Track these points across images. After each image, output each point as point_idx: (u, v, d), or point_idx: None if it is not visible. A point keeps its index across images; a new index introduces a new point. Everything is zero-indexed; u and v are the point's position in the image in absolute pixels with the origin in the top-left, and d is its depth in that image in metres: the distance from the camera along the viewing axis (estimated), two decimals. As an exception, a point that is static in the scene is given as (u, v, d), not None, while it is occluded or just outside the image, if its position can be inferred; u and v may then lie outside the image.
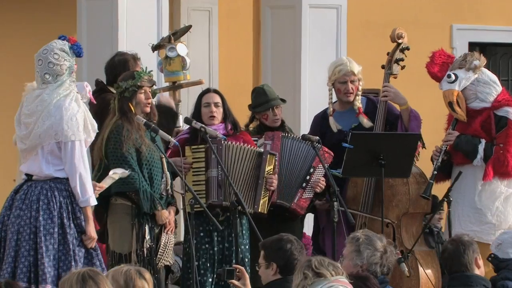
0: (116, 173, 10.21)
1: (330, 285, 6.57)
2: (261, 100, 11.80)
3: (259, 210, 11.09)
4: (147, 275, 7.10)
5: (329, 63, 12.73)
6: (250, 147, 11.31)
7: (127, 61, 11.43)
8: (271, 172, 11.30)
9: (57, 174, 9.75)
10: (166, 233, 10.94)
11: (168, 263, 10.84)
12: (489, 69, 12.19)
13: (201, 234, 11.05)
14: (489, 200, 11.43)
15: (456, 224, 11.41)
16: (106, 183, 10.10)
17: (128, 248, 10.43)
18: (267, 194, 11.29)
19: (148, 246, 10.59)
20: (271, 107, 11.66)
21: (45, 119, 9.71)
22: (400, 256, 10.69)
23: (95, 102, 10.60)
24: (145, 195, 10.43)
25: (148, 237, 10.64)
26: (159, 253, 10.83)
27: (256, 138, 11.66)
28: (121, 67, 11.30)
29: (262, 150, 11.43)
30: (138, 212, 10.48)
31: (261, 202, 11.14)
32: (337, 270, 6.77)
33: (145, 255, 10.57)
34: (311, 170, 11.51)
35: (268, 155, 11.28)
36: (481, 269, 8.94)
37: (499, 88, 11.71)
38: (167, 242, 10.99)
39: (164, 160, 10.56)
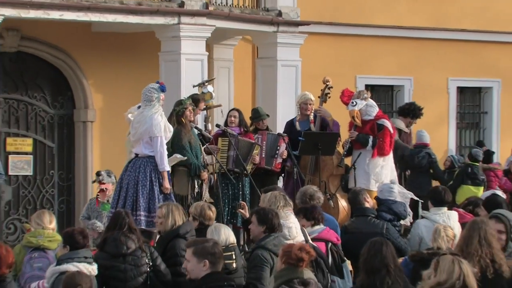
0: (176, 157, 12.93)
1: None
2: (256, 115, 15.06)
3: (248, 172, 14.04)
4: (213, 208, 10.21)
5: (292, 96, 16.65)
6: (249, 140, 14.45)
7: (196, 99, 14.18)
8: (257, 154, 14.37)
9: (150, 154, 12.49)
10: (204, 182, 13.61)
11: (206, 199, 12.99)
12: (372, 99, 15.05)
13: (223, 184, 14.05)
14: (373, 168, 14.38)
15: (357, 181, 14.18)
16: (171, 162, 12.70)
17: (185, 192, 13.15)
18: (251, 165, 14.37)
19: (196, 191, 13.40)
20: (261, 119, 14.99)
21: (143, 124, 12.40)
22: (329, 197, 13.89)
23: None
24: (194, 166, 13.15)
25: (196, 186, 13.37)
26: (203, 195, 13.43)
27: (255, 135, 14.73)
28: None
29: (254, 142, 14.41)
30: (190, 174, 13.24)
31: (248, 167, 14.18)
32: (289, 202, 9.95)
33: (195, 195, 13.24)
34: (278, 147, 14.59)
35: (256, 145, 14.38)
36: (370, 203, 11.65)
37: (377, 109, 14.77)
38: (206, 190, 13.69)
39: (201, 146, 13.59)
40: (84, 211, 14.08)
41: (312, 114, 15.27)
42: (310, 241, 9.46)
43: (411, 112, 17.24)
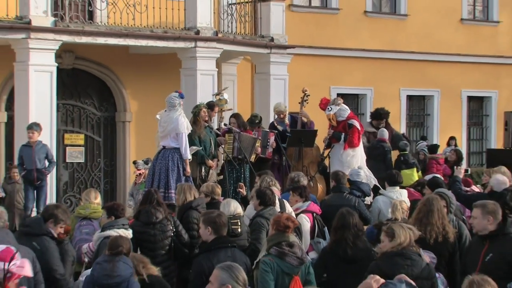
0: (193, 148, 12.80)
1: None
2: (252, 120, 14.82)
3: (252, 160, 13.97)
4: (220, 187, 10.55)
5: (281, 101, 16.43)
6: (252, 136, 14.23)
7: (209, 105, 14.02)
8: (259, 146, 14.24)
9: (175, 146, 12.46)
10: (211, 169, 13.54)
11: (213, 181, 12.31)
12: (345, 104, 14.81)
13: (229, 169, 13.82)
14: (345, 157, 14.13)
15: (333, 167, 13.90)
16: (190, 151, 12.60)
17: (195, 175, 12.95)
18: (254, 155, 14.19)
19: (203, 174, 13.30)
20: (258, 122, 14.84)
21: (171, 125, 12.43)
22: (309, 179, 13.26)
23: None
24: (199, 155, 13.07)
25: (203, 171, 13.30)
26: (208, 177, 13.31)
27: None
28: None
29: (256, 137, 14.24)
30: (198, 161, 13.16)
31: (252, 157, 14.06)
32: (275, 183, 10.25)
33: (202, 177, 13.14)
34: (268, 140, 14.40)
35: (257, 140, 14.22)
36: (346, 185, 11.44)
37: (348, 111, 14.53)
38: (212, 174, 13.55)
39: (211, 140, 13.47)
40: (130, 189, 14.38)
41: (288, 117, 15.43)
42: (291, 212, 9.45)
43: (383, 115, 17.09)
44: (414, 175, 15.37)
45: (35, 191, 13.31)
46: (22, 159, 13.41)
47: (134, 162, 13.94)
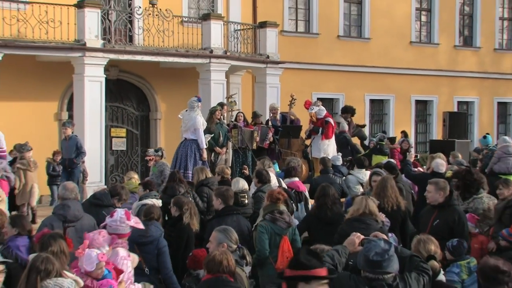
0: (207, 136, 12.59)
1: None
2: (254, 116, 15.06)
3: (254, 148, 13.94)
4: (229, 168, 10.72)
5: (274, 104, 16.09)
6: (249, 129, 14.13)
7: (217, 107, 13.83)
8: (257, 136, 14.07)
9: (194, 138, 12.27)
10: (220, 154, 13.49)
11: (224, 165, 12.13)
12: (323, 105, 14.80)
13: (236, 155, 13.95)
14: (322, 146, 13.99)
15: (313, 153, 14.09)
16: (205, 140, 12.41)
17: (207, 159, 12.61)
18: (255, 143, 14.13)
19: (212, 159, 13.29)
20: (257, 118, 14.86)
21: (191, 122, 12.25)
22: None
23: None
24: (209, 143, 12.86)
25: (213, 156, 13.32)
26: (217, 162, 13.28)
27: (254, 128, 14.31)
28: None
29: (253, 130, 14.10)
30: (209, 148, 12.87)
31: (254, 145, 14.00)
32: (271, 164, 10.29)
33: (213, 161, 13.18)
34: (267, 135, 14.28)
35: (254, 131, 14.07)
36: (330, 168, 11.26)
37: (325, 112, 14.29)
38: (220, 159, 13.50)
39: (221, 133, 13.37)
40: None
41: (279, 115, 15.23)
42: (284, 185, 9.45)
43: (349, 110, 16.98)
44: (382, 159, 15.15)
45: (68, 175, 12.60)
46: (62, 150, 13.06)
47: (146, 151, 13.60)
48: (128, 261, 5.28)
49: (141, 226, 5.65)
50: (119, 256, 5.21)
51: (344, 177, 11.30)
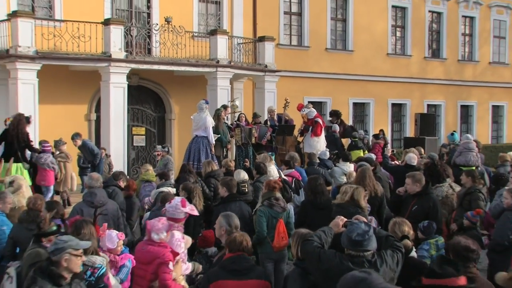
0: (215, 135, 12.33)
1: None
2: (255, 116, 14.57)
3: (253, 142, 13.52)
4: (233, 161, 10.36)
5: (271, 107, 15.87)
6: (250, 127, 13.76)
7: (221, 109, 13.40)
8: (255, 134, 13.69)
9: (204, 135, 12.14)
10: (229, 150, 13.47)
11: (229, 158, 12.15)
12: (313, 108, 14.69)
13: (239, 151, 13.63)
14: (312, 142, 13.85)
15: (305, 149, 13.84)
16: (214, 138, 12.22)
17: (218, 153, 12.68)
18: (254, 139, 13.70)
19: (225, 153, 13.09)
20: (257, 119, 14.43)
21: (201, 122, 12.13)
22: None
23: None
24: (223, 141, 12.83)
25: (225, 151, 13.12)
26: (228, 154, 13.25)
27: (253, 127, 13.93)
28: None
29: (252, 128, 13.73)
30: (221, 145, 12.87)
31: (253, 140, 13.61)
32: (271, 158, 10.07)
33: (223, 155, 12.78)
34: (266, 133, 13.92)
35: (253, 130, 13.72)
36: (316, 161, 11.38)
37: (315, 113, 14.22)
38: (230, 148, 13.51)
39: (226, 132, 13.09)
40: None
41: (276, 116, 14.95)
42: (283, 176, 9.35)
43: (336, 114, 16.72)
44: (361, 153, 14.99)
45: (94, 167, 12.15)
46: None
47: (155, 147, 13.28)
48: (182, 242, 5.26)
49: (195, 212, 5.54)
50: (175, 238, 5.18)
51: (328, 170, 11.18)
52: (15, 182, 7.55)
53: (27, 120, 10.82)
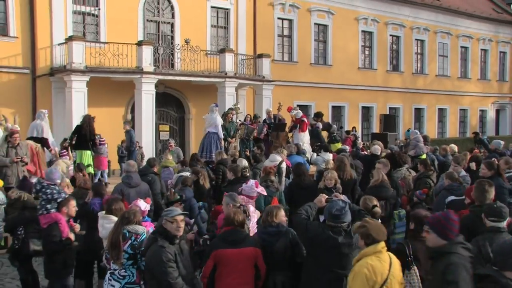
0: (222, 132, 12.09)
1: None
2: (254, 117, 14.25)
3: (253, 137, 13.25)
4: (238, 152, 10.20)
5: (268, 109, 15.36)
6: (251, 126, 13.37)
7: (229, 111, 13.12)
8: (255, 132, 13.35)
9: (214, 131, 11.75)
10: (231, 143, 12.59)
11: (234, 149, 11.73)
12: (300, 110, 14.13)
13: (242, 143, 13.16)
14: (300, 137, 13.17)
15: (294, 142, 12.70)
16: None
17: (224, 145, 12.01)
18: (253, 135, 13.40)
19: (226, 145, 12.34)
20: (256, 119, 14.13)
21: (212, 121, 11.75)
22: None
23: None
24: (224, 136, 12.17)
25: (227, 142, 12.44)
26: (228, 147, 12.19)
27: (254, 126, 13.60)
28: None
29: (253, 127, 13.37)
30: (224, 139, 12.17)
31: (253, 135, 13.29)
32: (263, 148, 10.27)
33: (226, 148, 12.06)
34: (263, 129, 13.62)
35: (254, 129, 13.36)
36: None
37: (301, 114, 13.61)
38: (231, 145, 12.54)
39: (232, 129, 12.68)
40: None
41: (272, 115, 14.43)
42: (289, 164, 9.16)
43: (319, 115, 16.06)
44: (338, 146, 14.63)
45: (130, 155, 12.20)
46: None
47: (168, 140, 13.06)
48: (255, 213, 5.16)
49: (264, 193, 5.46)
50: (251, 210, 5.15)
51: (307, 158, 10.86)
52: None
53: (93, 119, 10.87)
